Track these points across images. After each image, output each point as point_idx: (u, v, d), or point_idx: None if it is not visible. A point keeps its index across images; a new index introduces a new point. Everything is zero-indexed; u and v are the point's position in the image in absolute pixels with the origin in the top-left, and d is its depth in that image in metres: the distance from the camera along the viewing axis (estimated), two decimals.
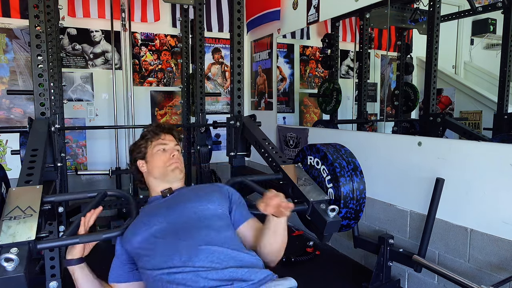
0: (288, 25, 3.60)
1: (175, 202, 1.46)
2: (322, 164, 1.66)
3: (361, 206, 1.61)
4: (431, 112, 2.58)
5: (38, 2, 1.97)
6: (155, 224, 1.35)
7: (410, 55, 3.31)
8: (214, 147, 3.73)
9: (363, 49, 3.16)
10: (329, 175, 1.62)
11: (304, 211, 1.52)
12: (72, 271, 1.31)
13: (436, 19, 2.54)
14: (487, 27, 2.99)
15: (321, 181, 1.66)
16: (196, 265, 1.19)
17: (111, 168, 3.69)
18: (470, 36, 3.21)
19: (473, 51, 3.27)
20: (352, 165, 1.63)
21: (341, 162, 1.62)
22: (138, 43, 3.97)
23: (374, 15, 3.01)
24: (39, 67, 2.01)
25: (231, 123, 2.40)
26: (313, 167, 1.74)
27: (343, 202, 1.56)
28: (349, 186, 1.57)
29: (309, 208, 1.51)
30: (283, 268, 2.59)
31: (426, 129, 2.61)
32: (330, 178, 1.61)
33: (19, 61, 3.53)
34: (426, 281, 2.23)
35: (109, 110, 3.85)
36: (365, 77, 3.23)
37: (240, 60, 2.39)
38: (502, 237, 1.81)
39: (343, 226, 1.64)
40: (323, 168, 1.65)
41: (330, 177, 1.61)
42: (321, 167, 1.67)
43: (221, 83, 4.44)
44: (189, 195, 1.49)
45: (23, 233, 1.12)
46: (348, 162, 1.63)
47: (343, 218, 1.58)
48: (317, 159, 1.70)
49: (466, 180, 1.97)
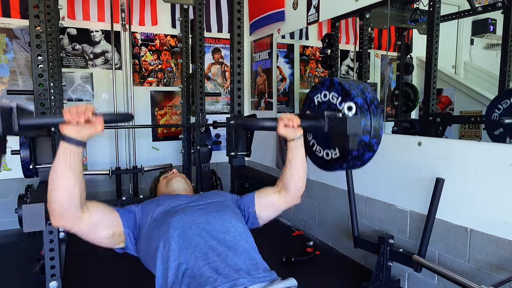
0: (288, 25, 3.60)
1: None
2: (330, 91, 1.46)
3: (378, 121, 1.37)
4: (431, 112, 2.58)
5: (38, 2, 1.97)
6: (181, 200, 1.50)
7: (410, 55, 3.31)
8: (214, 147, 3.73)
9: (363, 49, 3.16)
10: (339, 96, 1.42)
11: (320, 126, 1.39)
12: (69, 150, 1.13)
13: (436, 19, 2.54)
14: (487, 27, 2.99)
15: (333, 109, 1.44)
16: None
17: (111, 168, 3.69)
18: (470, 36, 3.21)
19: (473, 51, 3.28)
20: (362, 85, 1.44)
21: (349, 81, 1.45)
22: (138, 43, 3.97)
23: (374, 15, 3.01)
24: (39, 67, 2.01)
25: (231, 123, 2.41)
26: (320, 104, 1.51)
27: (360, 111, 1.35)
28: (361, 98, 1.36)
29: (324, 120, 1.37)
30: (283, 268, 2.59)
31: (426, 129, 2.61)
32: (341, 99, 1.40)
33: (19, 61, 3.53)
34: (426, 281, 2.23)
35: (109, 110, 3.85)
36: (365, 77, 3.22)
37: (240, 60, 2.40)
38: (502, 237, 1.81)
39: (362, 146, 1.36)
40: (332, 94, 1.44)
41: (341, 97, 1.41)
42: (329, 95, 1.46)
43: (221, 83, 4.44)
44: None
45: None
46: (356, 82, 1.47)
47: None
48: (324, 92, 1.49)
49: (466, 180, 1.97)
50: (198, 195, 1.61)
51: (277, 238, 3.22)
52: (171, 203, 1.47)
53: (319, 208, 3.20)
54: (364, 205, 2.64)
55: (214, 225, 1.33)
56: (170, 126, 4.17)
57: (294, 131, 1.40)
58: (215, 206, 1.47)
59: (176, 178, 1.72)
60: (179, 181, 1.70)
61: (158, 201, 1.50)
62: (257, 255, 1.33)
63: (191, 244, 1.26)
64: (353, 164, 1.41)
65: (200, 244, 1.25)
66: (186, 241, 1.27)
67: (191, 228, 1.31)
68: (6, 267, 2.76)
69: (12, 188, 3.44)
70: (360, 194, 2.63)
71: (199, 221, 1.34)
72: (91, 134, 1.13)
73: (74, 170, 1.11)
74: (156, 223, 1.38)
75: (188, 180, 1.81)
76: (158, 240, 1.30)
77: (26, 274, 2.56)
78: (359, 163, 1.41)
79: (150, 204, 1.49)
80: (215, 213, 1.40)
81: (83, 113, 1.07)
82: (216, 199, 1.54)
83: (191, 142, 3.64)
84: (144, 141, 4.06)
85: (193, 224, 1.32)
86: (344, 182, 2.47)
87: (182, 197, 1.53)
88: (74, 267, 2.60)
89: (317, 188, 3.13)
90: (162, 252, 1.27)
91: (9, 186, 3.47)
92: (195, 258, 1.22)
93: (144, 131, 4.05)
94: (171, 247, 1.26)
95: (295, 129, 1.39)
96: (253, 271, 1.20)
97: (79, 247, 2.95)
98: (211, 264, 1.19)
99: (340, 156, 1.42)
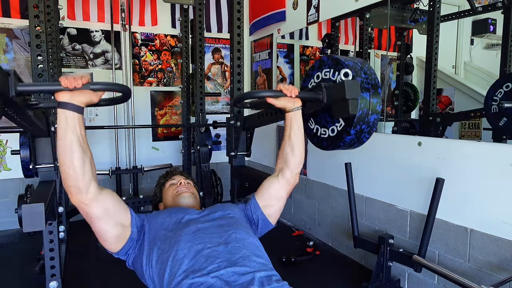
0: (288, 25, 3.60)
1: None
2: (322, 70, 1.42)
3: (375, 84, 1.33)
4: (431, 112, 2.58)
5: (38, 2, 1.97)
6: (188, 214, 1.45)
7: (410, 55, 3.31)
8: (214, 147, 3.73)
9: (363, 49, 3.16)
10: (331, 68, 1.38)
11: (318, 98, 1.35)
12: (68, 116, 1.11)
13: (436, 19, 2.55)
14: (487, 27, 2.99)
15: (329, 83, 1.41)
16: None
17: (111, 168, 3.69)
18: (470, 36, 3.21)
19: (473, 51, 3.28)
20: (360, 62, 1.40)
21: (344, 57, 1.41)
22: (138, 43, 3.97)
23: (374, 15, 3.01)
24: (39, 67, 2.01)
25: (231, 123, 2.40)
26: (319, 81, 1.46)
27: (354, 72, 1.32)
28: (351, 61, 1.34)
29: (322, 91, 1.33)
30: (283, 268, 2.59)
31: (426, 129, 2.61)
32: (333, 70, 1.37)
33: (19, 61, 3.53)
34: (426, 281, 2.23)
35: (109, 110, 3.84)
36: None
37: (240, 60, 2.39)
38: (502, 237, 1.81)
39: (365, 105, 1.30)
40: (325, 71, 1.41)
41: (333, 69, 1.37)
42: (322, 74, 1.42)
43: (221, 83, 4.44)
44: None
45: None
46: (352, 59, 1.42)
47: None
48: (316, 74, 1.45)
49: (466, 180, 1.97)
50: (207, 209, 1.55)
51: (277, 238, 3.21)
52: (180, 216, 1.43)
53: (319, 208, 3.20)
54: (364, 205, 2.64)
55: (226, 245, 1.27)
56: (170, 126, 4.17)
57: (293, 102, 1.37)
58: (226, 220, 1.43)
59: (184, 195, 1.63)
60: (188, 198, 1.63)
61: (169, 213, 1.47)
62: (269, 264, 1.29)
63: (200, 260, 1.21)
64: (360, 128, 1.36)
65: (211, 263, 1.20)
66: (195, 256, 1.23)
67: (202, 243, 1.27)
68: (6, 267, 2.76)
69: (12, 188, 3.44)
70: (360, 194, 2.63)
71: (211, 239, 1.29)
72: (88, 101, 1.14)
73: (78, 136, 1.12)
74: (165, 235, 1.34)
75: (196, 191, 1.73)
76: (167, 252, 1.27)
77: (26, 274, 2.56)
78: (365, 126, 1.36)
79: (158, 215, 1.46)
80: (227, 227, 1.36)
81: (80, 78, 1.08)
82: (226, 213, 1.49)
83: (191, 142, 3.64)
84: (144, 141, 4.06)
85: (204, 239, 1.28)
86: (344, 182, 2.47)
87: (191, 211, 1.49)
88: (74, 267, 2.60)
89: (317, 188, 3.13)
90: (171, 265, 1.22)
91: (9, 186, 3.47)
92: (208, 276, 1.16)
93: (144, 131, 4.05)
94: (179, 260, 1.22)
95: (293, 99, 1.36)
96: (266, 282, 1.16)
97: (79, 247, 2.98)
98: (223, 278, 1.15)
99: (345, 124, 1.37)
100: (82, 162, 1.14)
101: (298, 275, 2.58)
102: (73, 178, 1.14)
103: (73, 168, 1.13)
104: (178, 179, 1.72)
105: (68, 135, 1.11)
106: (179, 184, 1.68)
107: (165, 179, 1.78)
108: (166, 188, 1.71)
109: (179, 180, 1.71)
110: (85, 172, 1.15)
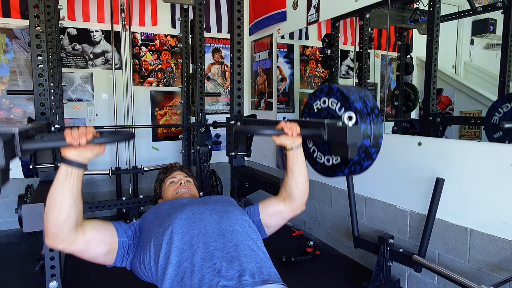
0: (288, 25, 3.60)
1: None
2: (329, 98, 1.44)
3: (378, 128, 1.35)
4: (431, 112, 2.58)
5: (38, 2, 1.97)
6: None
7: (410, 55, 3.31)
8: (214, 147, 3.74)
9: (363, 49, 3.16)
10: (338, 102, 1.40)
11: (319, 135, 1.37)
12: (70, 173, 1.11)
13: (436, 19, 2.54)
14: (487, 27, 2.99)
15: (333, 115, 1.43)
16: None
17: (111, 168, 3.69)
18: (470, 36, 3.21)
19: (473, 51, 3.27)
20: (362, 92, 1.41)
21: (348, 87, 1.43)
22: (138, 43, 3.97)
23: (374, 15, 3.01)
24: (39, 67, 2.01)
25: (231, 123, 2.41)
26: (320, 110, 1.49)
27: (359, 116, 1.33)
28: (360, 103, 1.34)
29: (324, 129, 1.35)
30: (283, 268, 2.59)
31: (426, 129, 2.61)
32: (340, 105, 1.39)
33: (19, 61, 3.53)
34: (426, 281, 2.23)
35: (109, 110, 3.85)
36: (365, 77, 3.22)
37: (240, 60, 2.39)
38: (502, 237, 1.81)
39: (363, 151, 1.35)
40: (331, 100, 1.43)
41: (340, 103, 1.39)
42: (328, 102, 1.44)
43: (221, 83, 4.44)
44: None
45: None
46: (357, 89, 1.44)
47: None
48: (322, 98, 1.47)
49: (466, 180, 1.97)
50: (202, 198, 1.58)
51: (277, 238, 3.20)
52: (175, 203, 1.46)
53: (319, 208, 3.20)
54: (364, 205, 2.64)
55: (220, 225, 1.31)
56: (170, 126, 4.17)
57: (293, 140, 1.38)
58: (221, 205, 1.44)
59: (184, 196, 1.63)
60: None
61: (162, 205, 1.48)
62: (263, 255, 1.30)
63: (194, 243, 1.23)
64: (354, 169, 1.40)
65: (204, 243, 1.23)
66: (189, 239, 1.25)
67: (196, 225, 1.29)
68: (6, 267, 2.76)
69: (12, 188, 3.43)
70: (360, 194, 2.63)
71: (206, 220, 1.32)
72: (94, 156, 1.12)
73: (74, 192, 1.10)
74: (158, 220, 1.36)
75: (196, 191, 1.72)
76: (161, 235, 1.28)
77: (26, 274, 2.56)
78: (359, 168, 1.40)
79: (152, 209, 1.48)
80: (221, 213, 1.38)
81: (84, 134, 1.06)
82: (221, 200, 1.52)
83: (191, 142, 3.64)
84: (144, 141, 4.06)
85: (199, 222, 1.30)
86: (344, 182, 2.47)
87: (187, 200, 1.52)
88: (74, 267, 2.60)
89: (317, 188, 3.13)
90: (166, 248, 1.24)
91: (9, 186, 3.47)
92: (199, 258, 1.19)
93: (144, 131, 4.05)
94: (173, 243, 1.23)
95: (294, 138, 1.37)
96: (256, 274, 1.17)
97: None
98: (214, 265, 1.17)
99: (341, 162, 1.41)
100: (67, 216, 1.11)
101: (298, 275, 2.58)
102: (54, 227, 1.12)
103: (56, 219, 1.11)
104: (179, 177, 1.71)
105: (64, 189, 1.09)
106: (179, 184, 1.67)
107: (165, 175, 1.76)
108: (166, 186, 1.70)
109: (179, 180, 1.69)
110: (69, 225, 1.13)
